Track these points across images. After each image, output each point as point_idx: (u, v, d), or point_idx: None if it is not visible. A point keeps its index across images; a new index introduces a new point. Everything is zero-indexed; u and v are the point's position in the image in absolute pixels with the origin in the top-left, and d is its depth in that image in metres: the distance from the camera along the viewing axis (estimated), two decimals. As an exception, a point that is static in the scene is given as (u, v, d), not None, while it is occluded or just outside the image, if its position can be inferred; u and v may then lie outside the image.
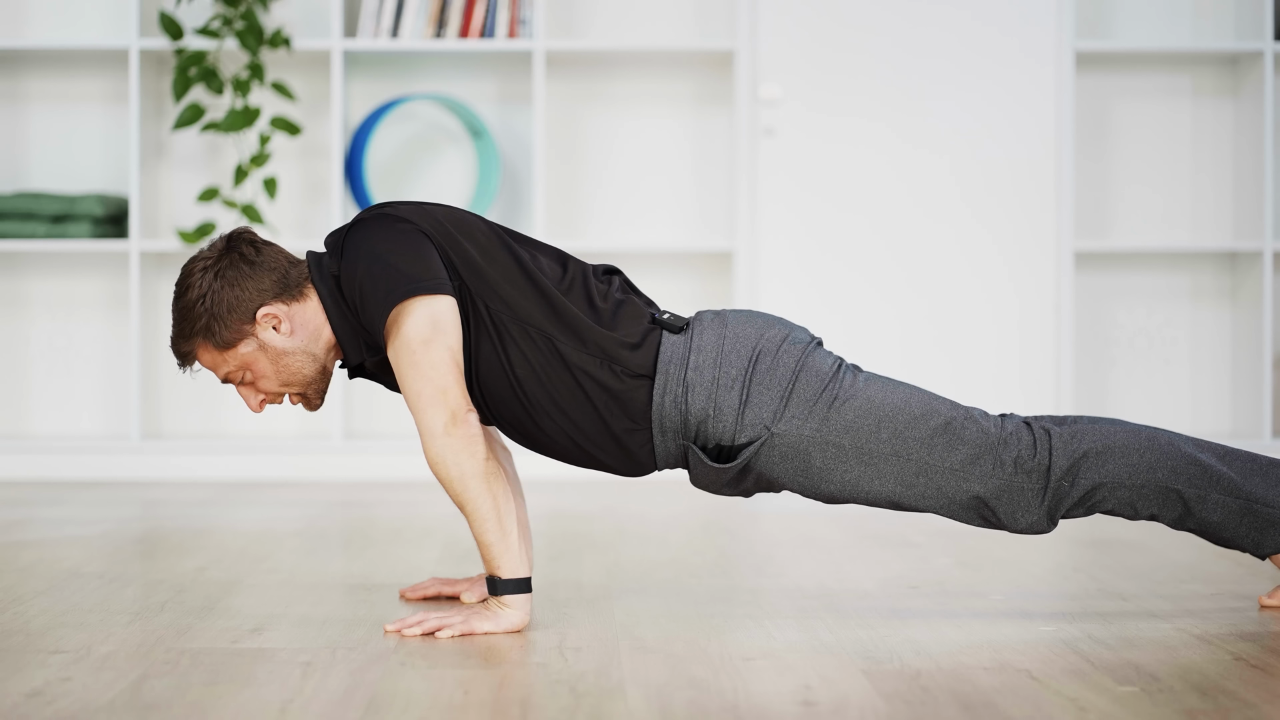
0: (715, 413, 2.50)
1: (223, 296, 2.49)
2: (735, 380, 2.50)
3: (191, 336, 2.52)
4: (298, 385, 2.56)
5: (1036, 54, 4.92)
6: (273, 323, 2.51)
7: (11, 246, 4.76)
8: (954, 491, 2.50)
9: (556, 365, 2.49)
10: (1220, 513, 2.51)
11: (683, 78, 5.03)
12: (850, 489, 2.52)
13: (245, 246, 2.52)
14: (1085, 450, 2.49)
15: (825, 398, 2.50)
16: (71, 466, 4.78)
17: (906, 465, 2.50)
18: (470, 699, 2.05)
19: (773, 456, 2.51)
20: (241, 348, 2.52)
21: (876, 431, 2.49)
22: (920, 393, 2.53)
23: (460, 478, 2.41)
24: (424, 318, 2.42)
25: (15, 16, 4.96)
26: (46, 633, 2.44)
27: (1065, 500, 2.50)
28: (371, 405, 5.00)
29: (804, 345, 2.54)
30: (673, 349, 2.52)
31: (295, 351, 2.53)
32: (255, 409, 2.57)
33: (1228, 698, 2.05)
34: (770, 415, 2.49)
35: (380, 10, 4.83)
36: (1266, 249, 4.86)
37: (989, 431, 2.50)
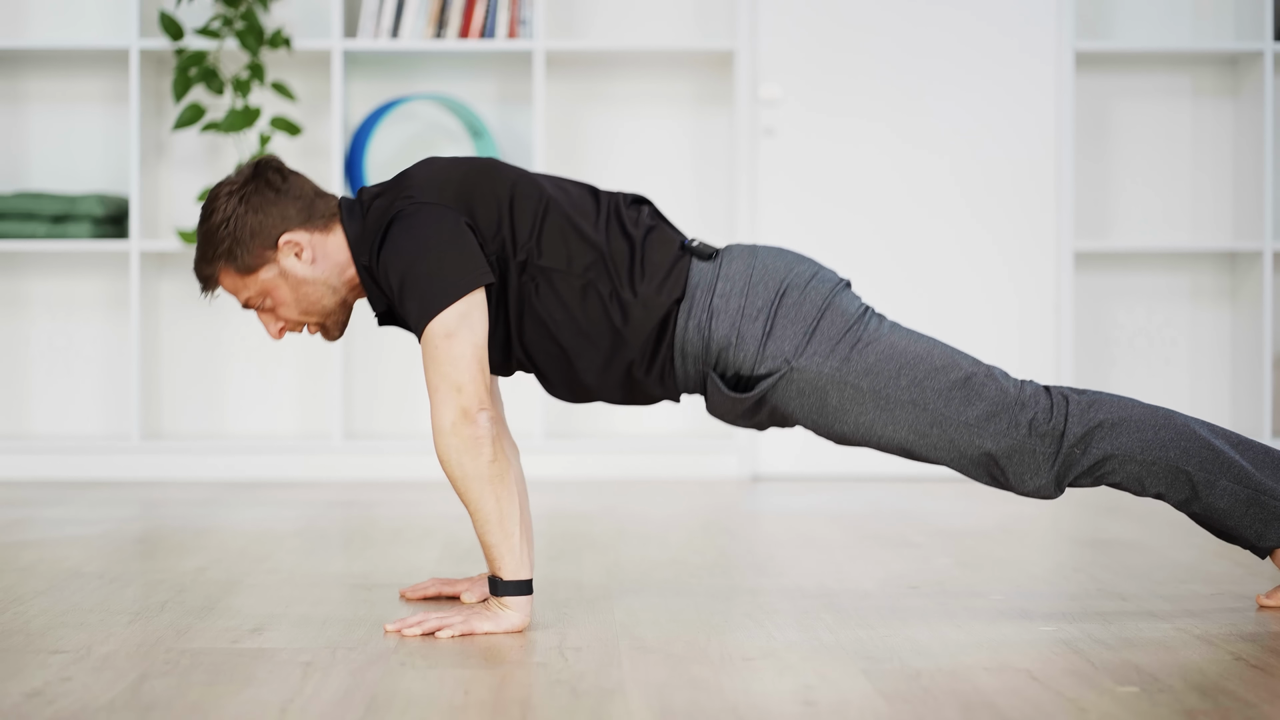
0: (738, 341, 2.51)
1: (246, 221, 2.51)
2: (761, 310, 2.51)
3: (214, 260, 2.53)
4: (317, 315, 2.58)
5: (1036, 54, 4.92)
6: (295, 250, 2.53)
7: (12, 246, 4.76)
8: (966, 446, 2.51)
9: (591, 300, 2.51)
10: (1227, 499, 2.52)
11: (683, 78, 5.03)
12: (864, 431, 2.53)
13: (272, 173, 2.55)
14: (1101, 420, 2.51)
15: (849, 339, 2.51)
16: (71, 466, 4.78)
17: (922, 414, 2.51)
18: (470, 699, 2.05)
19: (790, 391, 2.52)
20: (263, 273, 2.53)
21: (896, 377, 2.50)
22: (943, 346, 2.54)
23: (463, 477, 2.42)
24: (452, 312, 2.42)
25: (15, 16, 4.96)
26: (46, 633, 2.44)
27: (1075, 467, 2.51)
28: (372, 405, 5.00)
29: (832, 284, 2.55)
30: (701, 275, 2.54)
31: (316, 281, 2.54)
32: (275, 336, 2.59)
33: (1228, 698, 2.05)
34: (792, 349, 2.50)
35: (380, 10, 4.83)
36: (1266, 249, 4.86)
37: (1008, 391, 2.51)
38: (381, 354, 5.01)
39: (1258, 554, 2.60)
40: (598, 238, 2.52)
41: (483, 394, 2.42)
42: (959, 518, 3.89)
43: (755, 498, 4.38)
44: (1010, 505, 4.14)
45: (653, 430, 5.03)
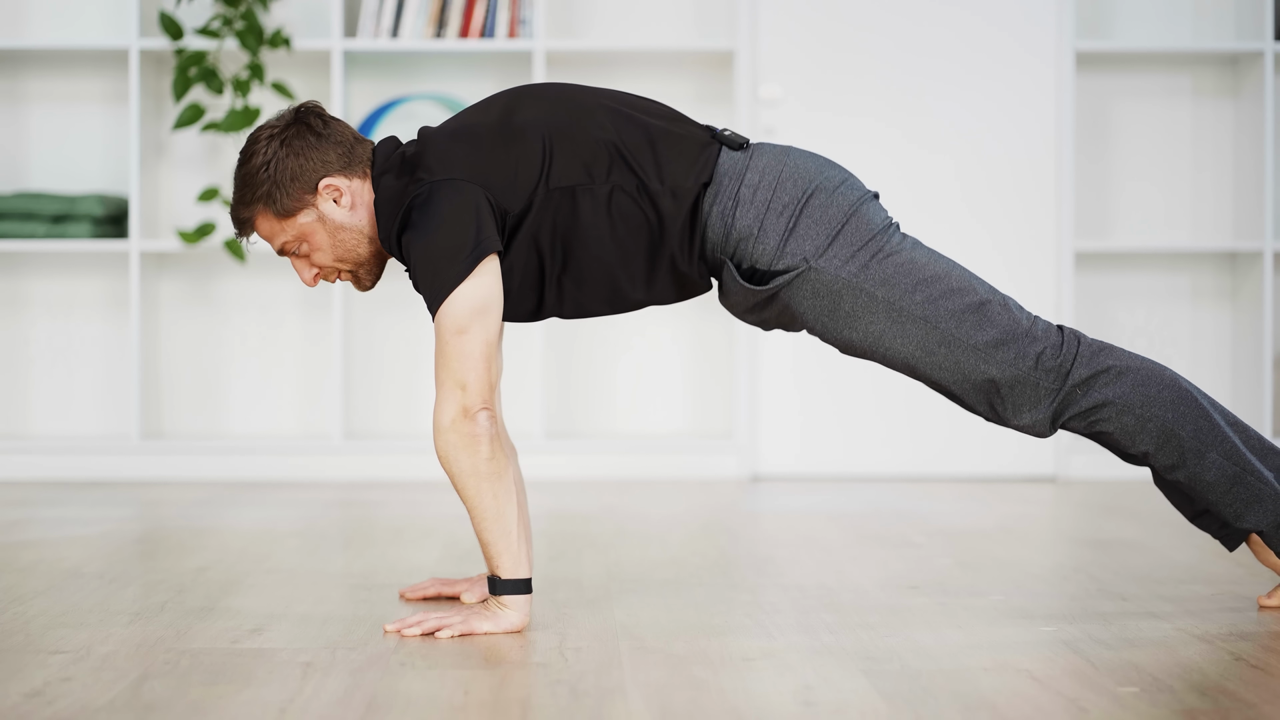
0: (759, 233, 2.51)
1: (287, 165, 2.51)
2: (787, 207, 2.51)
3: (253, 203, 2.53)
4: (350, 262, 2.58)
5: (1037, 54, 4.92)
6: (334, 195, 2.53)
7: (11, 246, 4.76)
8: (970, 370, 2.51)
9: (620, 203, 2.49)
10: (1214, 473, 2.52)
11: (683, 78, 5.03)
12: (871, 341, 2.53)
13: (313, 118, 2.54)
14: (1108, 365, 2.51)
15: (870, 247, 2.51)
16: (71, 466, 4.78)
17: (932, 332, 2.51)
18: (470, 699, 2.05)
19: (804, 290, 2.51)
20: (301, 218, 2.53)
21: (912, 292, 2.50)
22: (963, 269, 2.55)
23: (459, 473, 2.42)
24: (467, 304, 2.42)
25: (15, 16, 4.96)
26: (46, 633, 2.44)
27: (1073, 407, 2.52)
28: (372, 405, 5.00)
29: (861, 193, 2.55)
30: (731, 163, 2.54)
31: (352, 228, 2.54)
32: (309, 282, 2.59)
33: (1228, 698, 2.05)
34: (813, 249, 2.50)
35: (380, 10, 4.83)
36: (1266, 249, 4.86)
37: (1020, 322, 2.52)
38: (382, 354, 5.01)
39: (1228, 542, 2.60)
40: (610, 137, 2.51)
41: (486, 393, 2.42)
42: (959, 518, 3.89)
43: (755, 498, 4.38)
44: (1010, 505, 4.14)
45: (653, 430, 5.03)
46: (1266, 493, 2.53)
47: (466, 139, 2.53)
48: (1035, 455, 4.86)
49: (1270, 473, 2.55)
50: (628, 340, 5.03)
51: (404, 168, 2.53)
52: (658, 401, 5.04)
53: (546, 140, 2.51)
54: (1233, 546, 2.62)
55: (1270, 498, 2.53)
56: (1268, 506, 2.54)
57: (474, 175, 2.48)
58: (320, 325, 5.00)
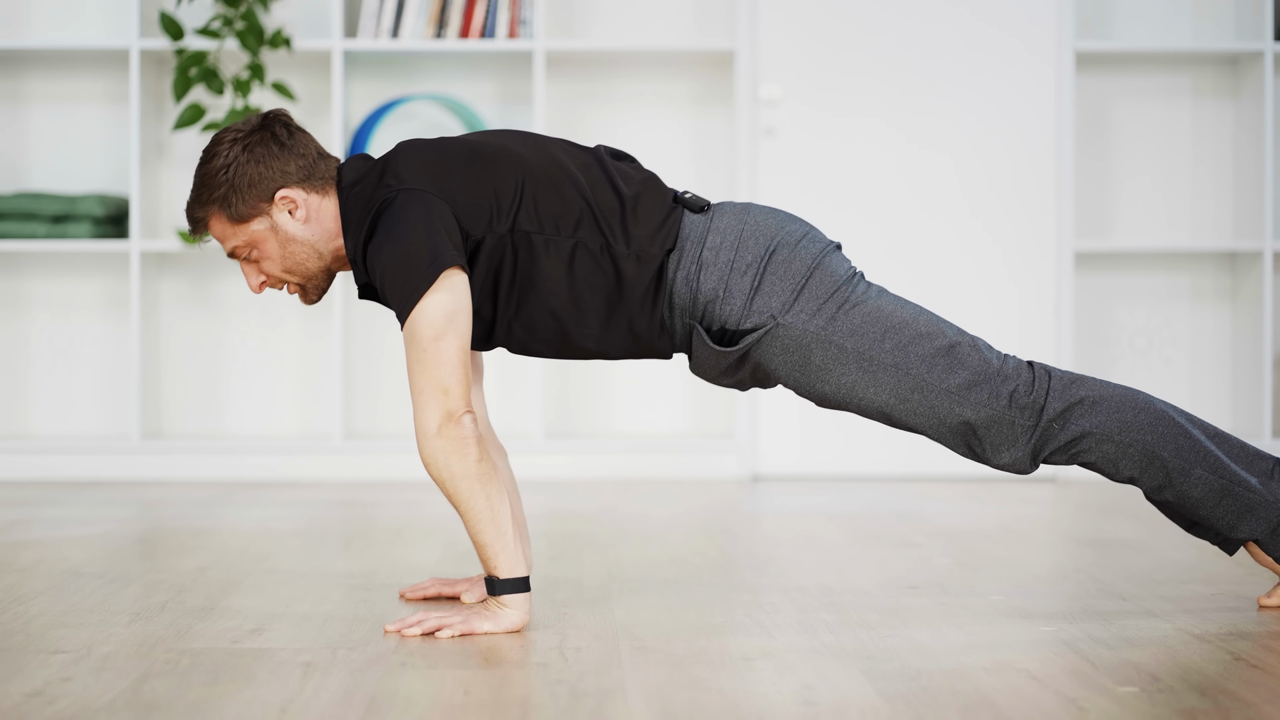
0: (725, 294, 2.51)
1: (246, 170, 2.51)
2: (750, 265, 2.52)
3: (208, 204, 2.54)
4: (299, 276, 2.58)
5: (1037, 54, 4.92)
6: (289, 206, 2.53)
7: (12, 246, 4.76)
8: (946, 413, 2.52)
9: (585, 262, 2.50)
10: (1201, 489, 2.52)
11: (683, 78, 5.03)
12: (845, 392, 2.53)
13: (279, 127, 2.55)
14: (1081, 397, 2.52)
15: (836, 299, 2.52)
16: (71, 466, 4.78)
17: (904, 379, 2.51)
18: (471, 699, 2.05)
19: (774, 348, 2.52)
20: (254, 224, 2.53)
21: (880, 340, 2.51)
22: (930, 314, 2.55)
23: (451, 478, 2.41)
24: (438, 310, 2.42)
25: (15, 16, 4.96)
26: (47, 633, 2.44)
27: (1051, 442, 2.52)
28: (372, 405, 5.00)
29: (823, 245, 2.56)
30: (692, 226, 2.54)
31: (305, 242, 2.55)
32: (254, 289, 2.59)
33: (1228, 698, 2.05)
34: (779, 305, 2.51)
35: (380, 10, 4.83)
36: (1266, 249, 4.86)
37: (990, 362, 2.52)
38: (382, 354, 5.01)
39: (1226, 548, 2.61)
40: (583, 194, 2.52)
41: (467, 396, 2.42)
42: (959, 518, 3.89)
43: (755, 498, 4.38)
44: (1010, 506, 4.14)
45: (653, 430, 5.03)
46: (1256, 501, 2.53)
47: (438, 155, 2.54)
48: (1035, 455, 4.86)
49: (1257, 479, 2.55)
50: (628, 340, 5.03)
51: (373, 175, 2.53)
52: (658, 401, 5.04)
53: (519, 182, 2.51)
54: (1232, 551, 2.63)
55: (1261, 505, 2.54)
56: (1260, 515, 2.54)
57: (440, 190, 2.48)
58: (320, 325, 5.00)
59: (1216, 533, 2.60)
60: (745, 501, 4.30)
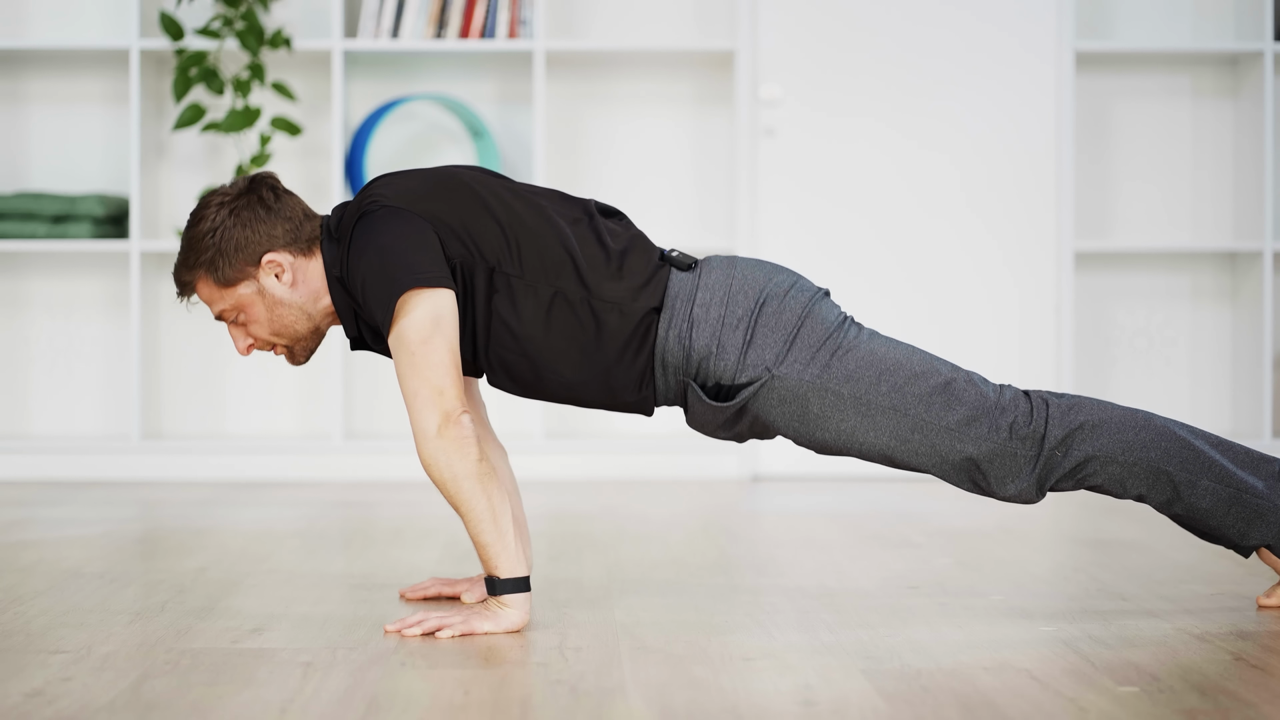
0: (718, 350, 2.51)
1: (233, 235, 2.51)
2: (741, 320, 2.51)
3: (195, 267, 2.54)
4: (287, 338, 2.58)
5: (1037, 54, 4.92)
6: (276, 270, 2.53)
7: (12, 246, 4.76)
8: (947, 451, 2.51)
9: (563, 311, 2.50)
10: (1209, 499, 2.52)
11: (683, 78, 5.03)
12: (845, 439, 2.53)
13: (265, 190, 2.55)
14: (1081, 422, 2.51)
15: (829, 346, 2.51)
16: (71, 466, 4.78)
17: (903, 420, 2.51)
18: (471, 699, 2.05)
19: (771, 399, 2.52)
20: (241, 288, 2.54)
21: (876, 384, 2.50)
22: (922, 352, 2.55)
23: (453, 479, 2.41)
24: (424, 314, 2.42)
25: (15, 16, 4.96)
26: (47, 633, 2.44)
27: (1056, 470, 2.52)
28: (372, 405, 5.01)
29: (811, 293, 2.56)
30: (680, 285, 2.54)
31: (292, 305, 2.55)
32: (242, 351, 2.59)
33: (1228, 698, 2.05)
34: (773, 357, 2.51)
35: (380, 10, 4.83)
36: (1266, 249, 4.86)
37: (987, 396, 2.52)
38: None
39: (1241, 553, 2.61)
40: (568, 246, 2.51)
41: (462, 396, 2.42)
42: (959, 518, 3.90)
43: (755, 498, 4.38)
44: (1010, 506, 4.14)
45: (653, 430, 5.03)
46: (1265, 507, 2.53)
47: (417, 180, 2.55)
48: (1035, 455, 4.86)
49: (1264, 483, 2.55)
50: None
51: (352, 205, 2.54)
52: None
53: (506, 225, 2.51)
54: (1247, 555, 2.62)
55: (1270, 510, 2.54)
56: (1269, 519, 2.54)
57: (422, 211, 2.49)
58: (320, 325, 4.99)
59: (1230, 541, 2.59)
60: (745, 501, 4.30)
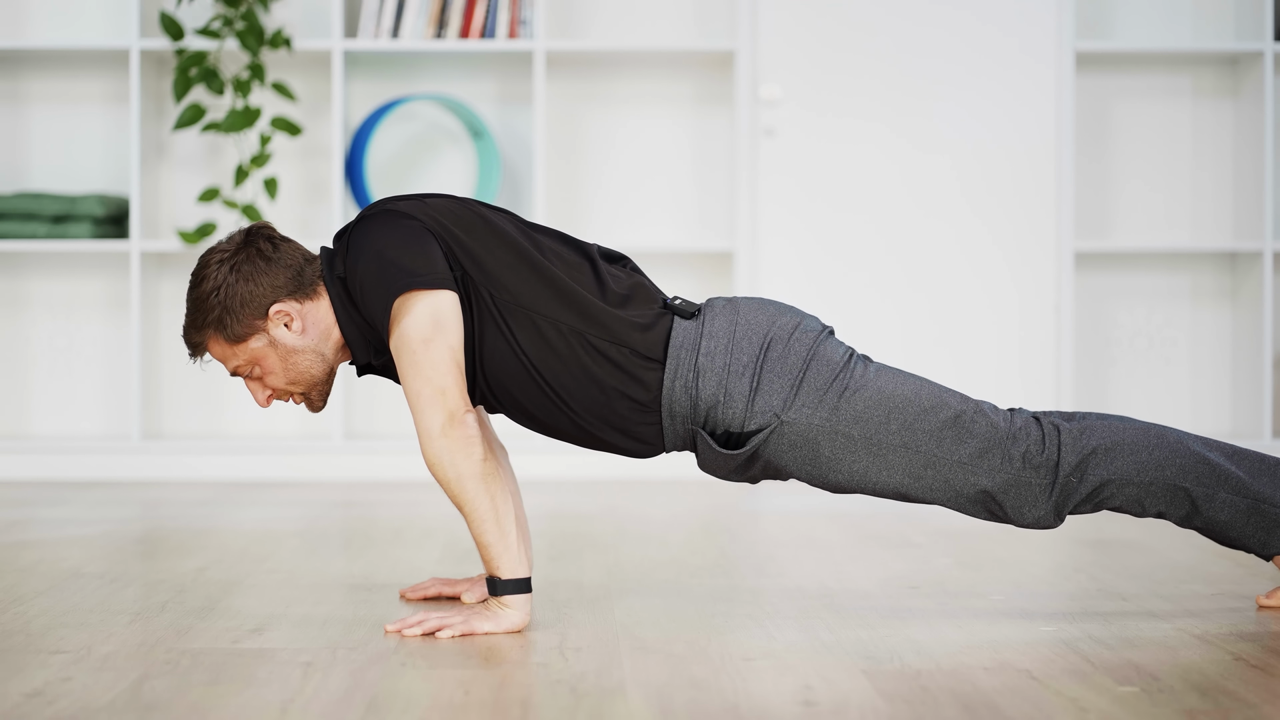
0: (725, 399, 2.50)
1: (237, 290, 2.51)
2: (747, 367, 2.51)
3: (204, 328, 2.53)
4: (303, 385, 2.57)
5: (1037, 54, 4.92)
6: (285, 320, 2.52)
7: (12, 247, 4.76)
8: (962, 485, 2.51)
9: (565, 350, 2.49)
10: (1228, 511, 2.52)
11: (683, 78, 5.03)
12: (858, 479, 2.52)
13: (263, 242, 2.54)
14: (1094, 447, 2.50)
15: (836, 387, 2.50)
16: (72, 466, 4.78)
17: (915, 457, 2.50)
18: (471, 699, 2.05)
19: (781, 445, 2.51)
20: (252, 342, 2.53)
21: (886, 422, 2.50)
22: (931, 385, 2.54)
23: (457, 479, 2.41)
24: (425, 315, 2.42)
25: (15, 16, 4.96)
26: (47, 633, 2.44)
27: (1073, 496, 2.51)
28: (372, 405, 5.00)
29: (815, 334, 2.55)
30: (684, 334, 2.53)
31: (305, 350, 2.54)
32: (262, 404, 2.59)
33: (1228, 698, 2.05)
34: (780, 403, 2.50)
35: (381, 11, 4.83)
36: (1266, 249, 4.86)
37: (998, 426, 2.51)
38: (382, 354, 5.00)
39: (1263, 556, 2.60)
40: (570, 289, 2.50)
41: (465, 396, 2.42)
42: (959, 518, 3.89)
43: (755, 498, 4.38)
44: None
45: (653, 430, 5.03)
46: None
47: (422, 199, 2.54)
48: (1035, 455, 4.85)
49: None
50: (628, 340, 5.03)
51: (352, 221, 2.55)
52: (658, 401, 5.03)
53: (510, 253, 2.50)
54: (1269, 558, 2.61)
55: None
56: None
57: (428, 221, 2.49)
58: (320, 325, 4.99)
59: (1252, 550, 2.59)
60: (745, 501, 4.30)
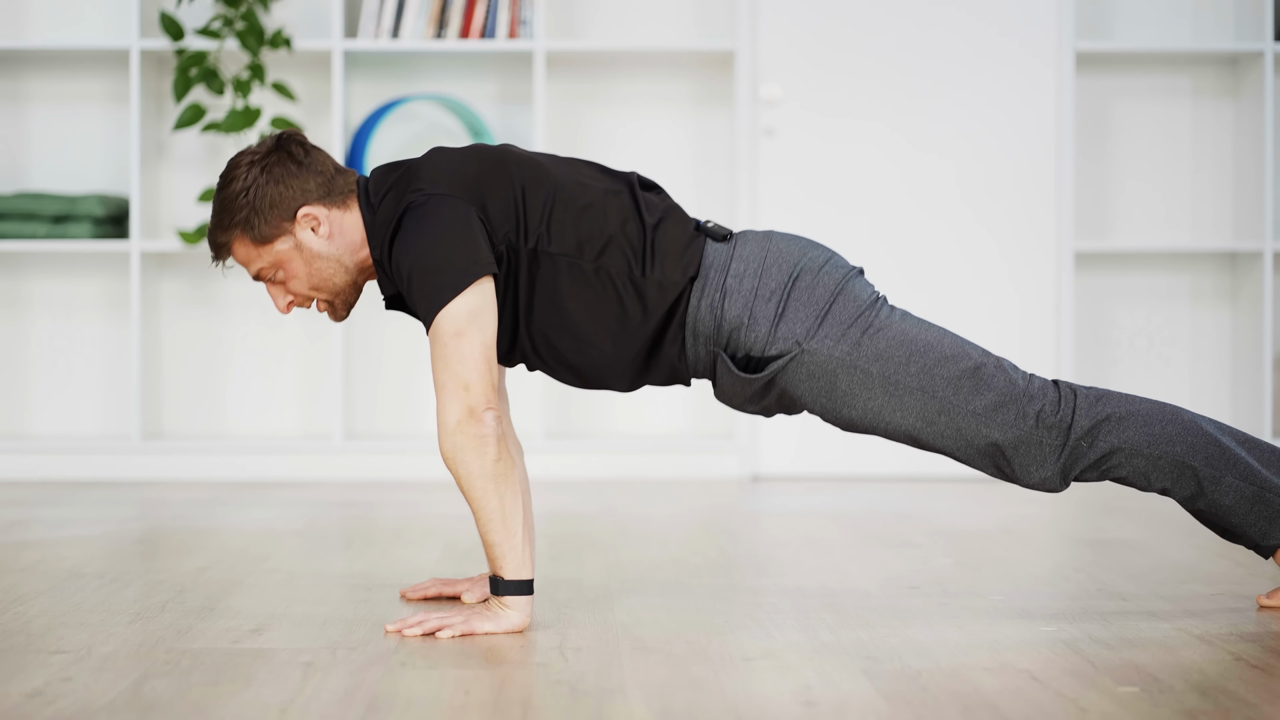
0: (750, 321, 2.52)
1: (266, 191, 2.51)
2: (774, 293, 2.52)
3: (230, 228, 2.53)
4: (327, 292, 2.57)
5: (1037, 54, 4.92)
6: (312, 224, 2.53)
7: (12, 247, 4.76)
8: (973, 435, 2.52)
9: (604, 285, 2.51)
10: (1233, 496, 2.52)
11: (683, 78, 5.03)
12: (871, 417, 2.54)
13: (295, 146, 2.55)
14: (1108, 414, 2.51)
15: (860, 324, 2.52)
16: (72, 466, 4.78)
17: (930, 402, 2.51)
18: (471, 699, 2.05)
19: (800, 374, 2.52)
20: (278, 244, 2.53)
21: (906, 364, 2.51)
22: (954, 336, 2.56)
23: (467, 475, 2.42)
24: (462, 308, 2.42)
25: (15, 16, 4.96)
26: (47, 633, 2.44)
27: (1081, 460, 2.52)
28: (372, 405, 5.01)
29: (846, 270, 2.57)
30: (715, 255, 2.55)
31: (330, 257, 2.55)
32: (282, 309, 2.59)
33: (1228, 698, 2.05)
34: (804, 331, 2.51)
35: (381, 11, 4.83)
36: (1266, 249, 4.86)
37: (1016, 383, 2.52)
38: (382, 354, 5.01)
39: (1261, 553, 2.60)
40: (610, 221, 2.52)
41: (490, 393, 2.42)
42: (959, 518, 3.90)
43: (755, 498, 4.38)
44: (1010, 506, 4.14)
45: (653, 430, 5.03)
46: None
47: (469, 162, 2.54)
48: (1035, 455, 4.86)
49: None
50: (628, 340, 5.03)
51: (400, 182, 2.53)
52: (658, 401, 5.04)
53: (547, 201, 2.52)
54: (1267, 556, 2.61)
55: None
56: None
57: (470, 196, 2.49)
58: (320, 325, 5.00)
59: (1252, 540, 2.59)
60: (745, 501, 4.30)
